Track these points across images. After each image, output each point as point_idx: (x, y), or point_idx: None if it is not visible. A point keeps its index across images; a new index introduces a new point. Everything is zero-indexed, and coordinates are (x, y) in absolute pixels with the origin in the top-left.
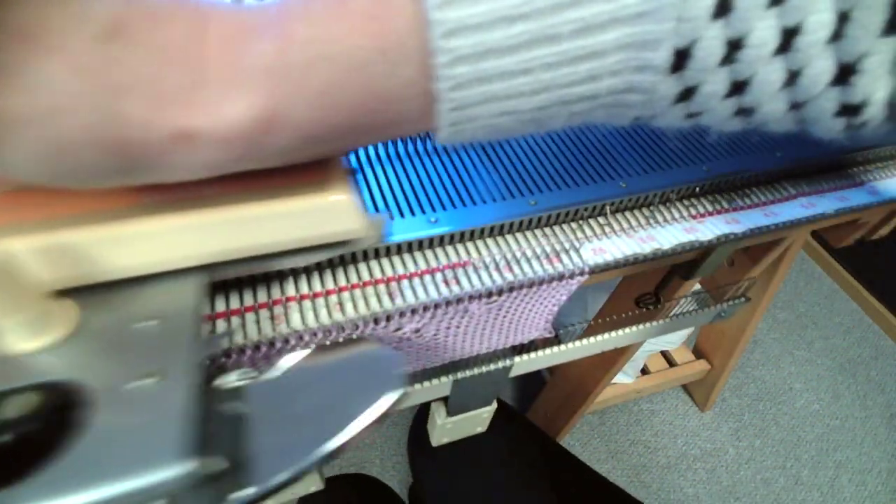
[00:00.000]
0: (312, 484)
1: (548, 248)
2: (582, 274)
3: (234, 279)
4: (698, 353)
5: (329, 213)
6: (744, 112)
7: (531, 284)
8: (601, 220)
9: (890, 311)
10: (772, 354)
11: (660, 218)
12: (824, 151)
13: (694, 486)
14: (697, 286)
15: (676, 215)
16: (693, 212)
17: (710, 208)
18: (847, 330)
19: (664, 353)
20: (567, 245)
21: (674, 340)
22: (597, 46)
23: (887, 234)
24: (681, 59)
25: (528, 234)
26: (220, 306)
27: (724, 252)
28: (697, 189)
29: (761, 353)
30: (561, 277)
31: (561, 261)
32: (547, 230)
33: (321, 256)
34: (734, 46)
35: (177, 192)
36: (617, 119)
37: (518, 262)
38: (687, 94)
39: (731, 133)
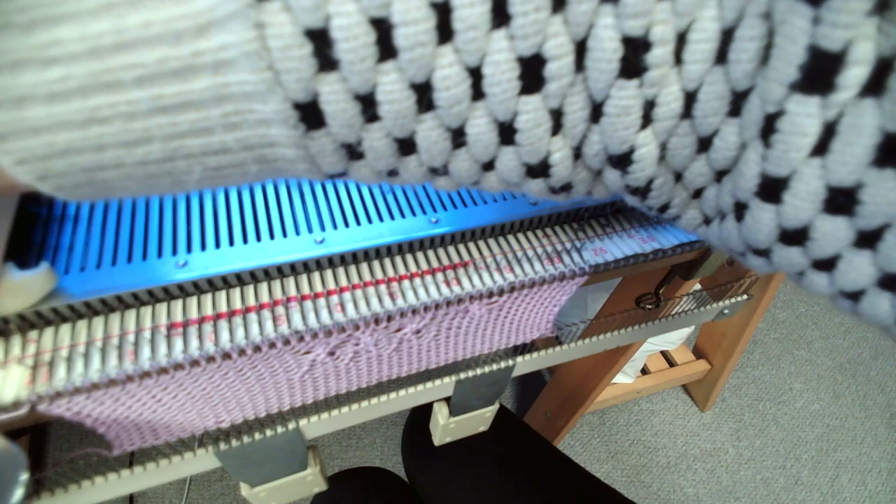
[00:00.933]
0: (315, 485)
1: (549, 249)
2: (583, 274)
3: (234, 279)
4: (698, 353)
5: None
6: (438, 172)
7: (532, 285)
8: (602, 220)
9: None
10: (772, 354)
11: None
12: None
13: (694, 486)
14: (697, 286)
15: None
16: None
17: None
18: (847, 330)
19: (664, 353)
20: (568, 245)
21: (674, 340)
22: (184, 96)
23: None
24: (310, 113)
25: (530, 234)
26: (222, 307)
27: (724, 252)
28: None
29: (761, 353)
30: (562, 278)
31: (562, 261)
32: (548, 230)
33: None
34: (367, 102)
35: None
36: (298, 173)
37: (519, 262)
38: (351, 151)
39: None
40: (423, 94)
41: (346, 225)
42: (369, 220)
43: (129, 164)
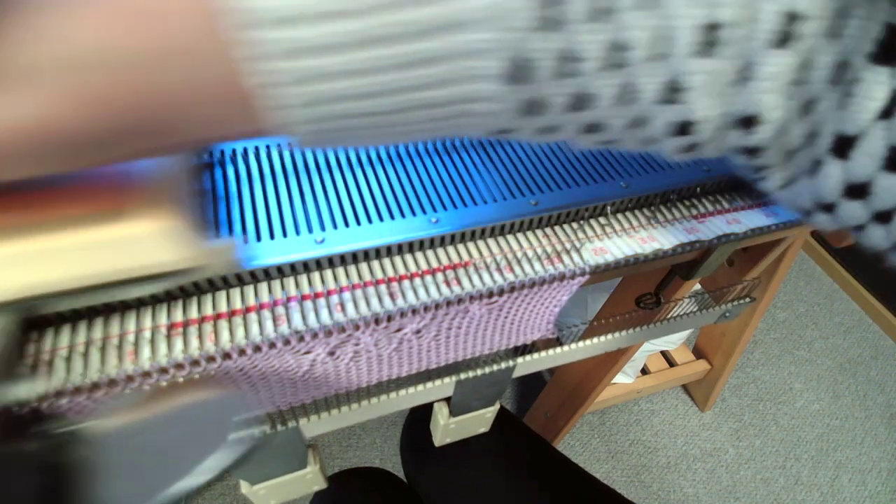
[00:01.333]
0: (315, 483)
1: (549, 249)
2: (583, 274)
3: (234, 279)
4: (698, 353)
5: (133, 244)
6: (592, 129)
7: (532, 285)
8: (602, 220)
9: (890, 311)
10: (772, 354)
11: (661, 218)
12: None
13: (694, 486)
14: (698, 286)
15: (677, 215)
16: (694, 212)
17: (710, 208)
18: (847, 330)
19: (664, 353)
20: (568, 245)
21: (674, 340)
22: (432, 52)
23: None
24: (517, 69)
25: (529, 234)
26: (222, 307)
27: (725, 252)
28: (698, 189)
29: (761, 353)
30: (562, 278)
31: (562, 261)
32: (548, 230)
33: (150, 289)
34: (566, 59)
35: None
36: (474, 130)
37: (519, 262)
38: (531, 106)
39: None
40: (617, 54)
41: (346, 225)
42: (369, 220)
43: (365, 114)
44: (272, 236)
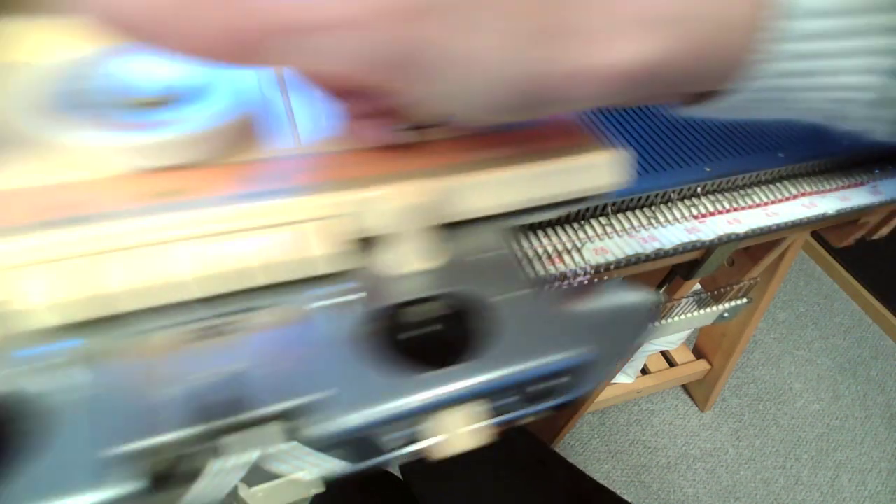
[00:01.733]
0: (313, 486)
1: (550, 249)
2: (584, 274)
3: None
4: (698, 353)
5: (601, 168)
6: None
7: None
8: (603, 220)
9: (890, 311)
10: (772, 354)
11: (661, 218)
12: (825, 152)
13: (694, 486)
14: (698, 286)
15: (678, 215)
16: (694, 212)
17: (711, 208)
18: (847, 330)
19: (664, 353)
20: (569, 245)
21: (674, 340)
22: (871, 47)
23: (887, 234)
24: None
25: (530, 234)
26: None
27: (725, 252)
28: (699, 189)
29: (761, 353)
30: (563, 278)
31: (563, 261)
32: (548, 230)
33: (573, 208)
34: None
35: (487, 151)
36: (815, 114)
37: (519, 262)
38: (887, 101)
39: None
40: None
41: None
42: None
43: (793, 89)
44: None
